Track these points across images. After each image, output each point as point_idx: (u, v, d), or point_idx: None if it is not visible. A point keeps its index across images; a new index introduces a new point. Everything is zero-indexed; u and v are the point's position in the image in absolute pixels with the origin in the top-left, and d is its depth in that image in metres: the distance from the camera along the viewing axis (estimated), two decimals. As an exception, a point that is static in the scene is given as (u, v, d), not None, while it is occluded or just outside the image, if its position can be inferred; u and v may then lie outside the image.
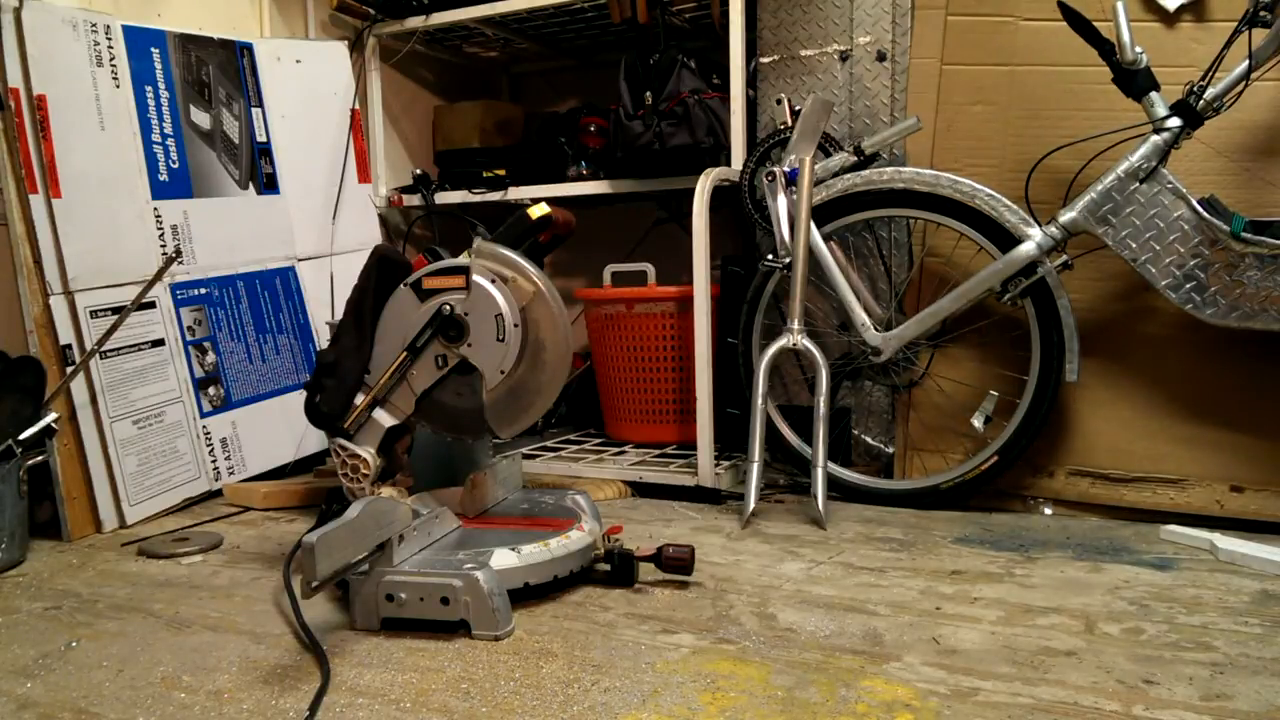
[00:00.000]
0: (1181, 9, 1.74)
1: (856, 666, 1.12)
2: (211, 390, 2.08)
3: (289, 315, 2.28)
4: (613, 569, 1.42)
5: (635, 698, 1.06)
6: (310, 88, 2.37)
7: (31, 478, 1.71)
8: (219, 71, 2.19)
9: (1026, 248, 1.72)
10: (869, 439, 2.06)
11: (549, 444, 2.39)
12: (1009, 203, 1.75)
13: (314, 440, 2.20)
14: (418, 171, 2.45)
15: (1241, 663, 1.10)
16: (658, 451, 2.24)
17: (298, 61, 2.35)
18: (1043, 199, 1.78)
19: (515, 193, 2.34)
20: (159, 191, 2.02)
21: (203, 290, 2.10)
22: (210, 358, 2.09)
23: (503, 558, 1.31)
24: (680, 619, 1.29)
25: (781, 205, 1.83)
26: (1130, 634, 1.19)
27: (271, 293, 2.25)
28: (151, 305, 1.98)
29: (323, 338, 2.30)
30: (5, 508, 1.62)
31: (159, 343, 1.99)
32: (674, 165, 2.13)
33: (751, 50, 2.13)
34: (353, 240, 2.39)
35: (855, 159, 1.91)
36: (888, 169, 1.85)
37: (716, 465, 1.96)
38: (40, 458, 1.73)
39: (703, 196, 1.91)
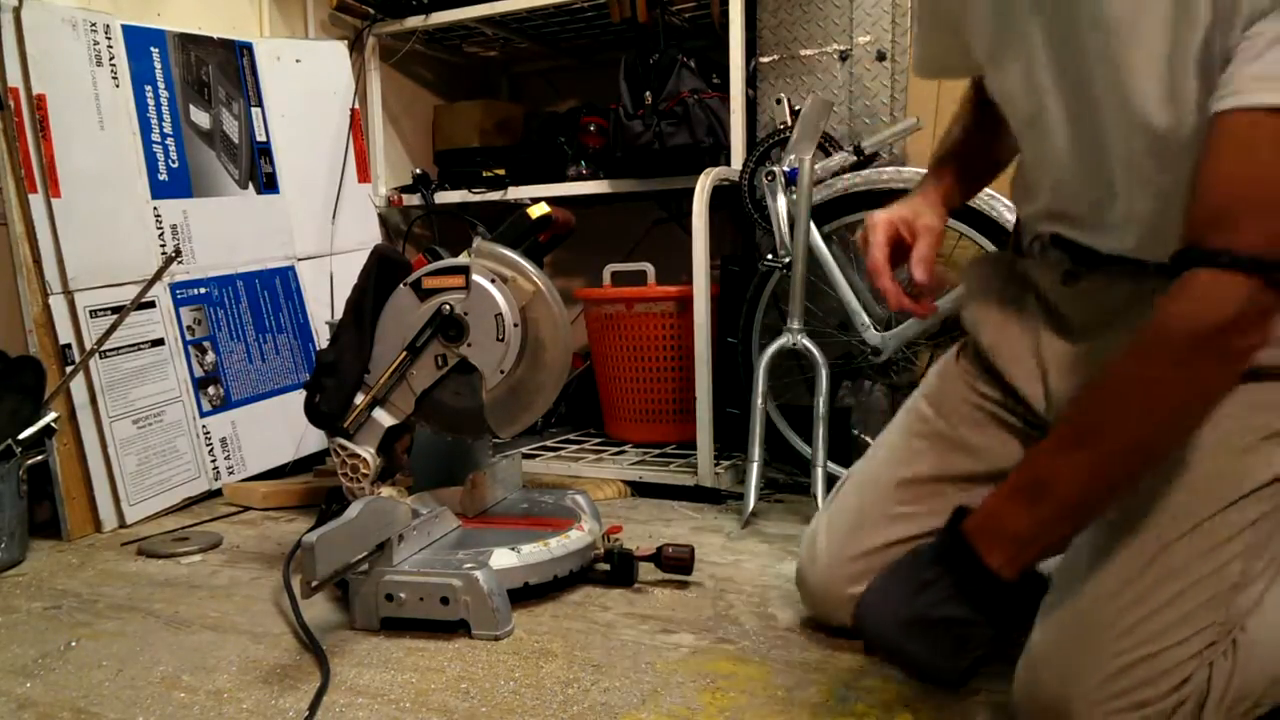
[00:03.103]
0: (1181, 9, 1.74)
1: (856, 666, 1.12)
2: (211, 390, 2.08)
3: (289, 315, 2.28)
4: (612, 569, 1.42)
5: (635, 698, 1.06)
6: (310, 87, 2.36)
7: (31, 477, 1.70)
8: (219, 71, 2.18)
9: (1026, 247, 1.72)
10: (869, 439, 2.06)
11: (549, 444, 2.39)
12: (1008, 202, 1.75)
13: (314, 440, 2.20)
14: (418, 171, 2.45)
15: (1241, 663, 1.10)
16: (657, 451, 2.24)
17: (297, 61, 2.35)
18: (1043, 199, 1.78)
19: (515, 192, 2.34)
20: (159, 191, 2.02)
21: (202, 290, 2.10)
22: (210, 357, 2.09)
23: (502, 557, 1.31)
24: (680, 619, 1.29)
25: (781, 205, 1.83)
26: (1130, 634, 1.19)
27: (271, 292, 2.24)
28: (151, 305, 1.98)
29: (323, 337, 2.30)
30: (5, 507, 1.62)
31: (159, 342, 1.99)
32: (674, 165, 2.13)
33: (751, 50, 2.13)
34: (352, 240, 2.39)
35: (855, 159, 1.91)
36: (888, 169, 1.85)
37: (716, 465, 1.96)
38: (40, 457, 1.73)
39: (702, 196, 1.91)
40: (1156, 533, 0.88)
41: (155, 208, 2.01)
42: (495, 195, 2.36)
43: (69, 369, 1.80)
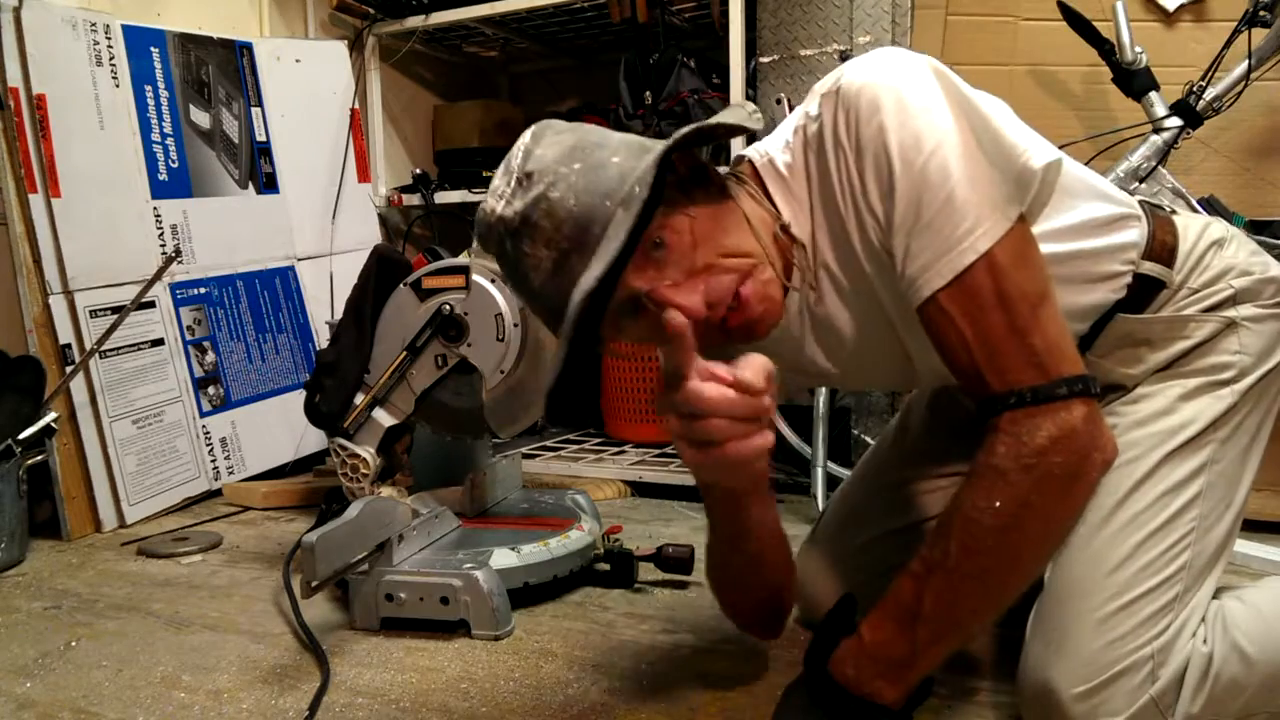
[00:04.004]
0: (1181, 9, 1.74)
1: (856, 666, 1.12)
2: (211, 390, 2.08)
3: (289, 315, 2.28)
4: (612, 568, 1.42)
5: (635, 698, 1.06)
6: (310, 87, 2.36)
7: (31, 477, 1.70)
8: (218, 71, 2.18)
9: (1026, 248, 1.72)
10: (869, 439, 2.06)
11: (549, 444, 2.39)
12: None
13: (314, 440, 2.19)
14: (417, 171, 2.44)
15: (1241, 663, 1.10)
16: (657, 451, 2.24)
17: (297, 61, 2.35)
18: (1042, 199, 1.78)
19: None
20: (158, 191, 2.02)
21: (202, 290, 2.10)
22: (210, 357, 2.09)
23: (502, 557, 1.31)
24: (680, 619, 1.29)
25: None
26: (1130, 634, 1.19)
27: (271, 292, 2.24)
28: (151, 305, 1.98)
29: (323, 337, 2.30)
30: (5, 507, 1.62)
31: (158, 342, 1.99)
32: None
33: (751, 50, 2.13)
34: (352, 240, 2.39)
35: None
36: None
37: (716, 465, 1.96)
38: (40, 457, 1.73)
39: (702, 196, 1.90)
40: (1110, 496, 0.92)
41: (155, 208, 2.01)
42: (495, 195, 2.35)
43: (69, 369, 1.80)
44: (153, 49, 2.05)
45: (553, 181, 0.84)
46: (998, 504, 0.79)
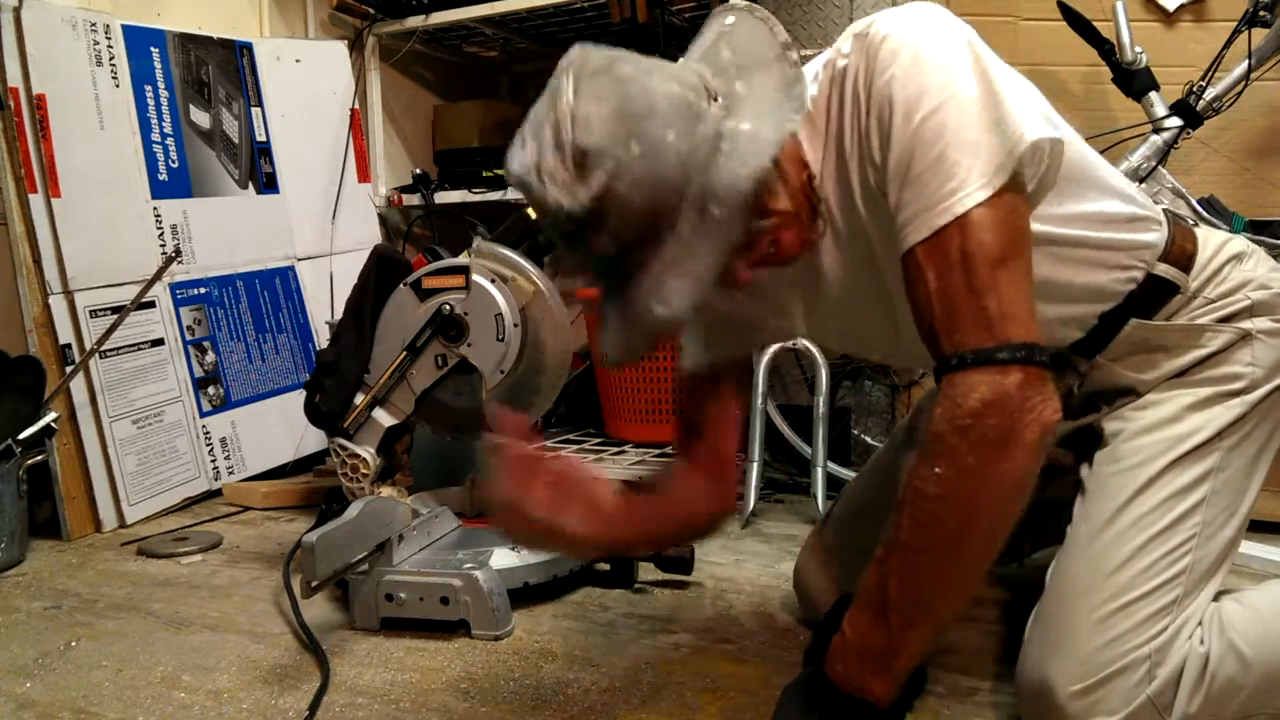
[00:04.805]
0: (1181, 9, 1.74)
1: (856, 666, 1.12)
2: (211, 390, 2.08)
3: (289, 315, 2.28)
4: (612, 568, 1.42)
5: (635, 698, 1.06)
6: (310, 87, 2.36)
7: (31, 477, 1.71)
8: (218, 71, 2.18)
9: (1026, 248, 1.72)
10: (869, 439, 2.06)
11: (549, 444, 2.39)
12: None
13: (314, 440, 2.19)
14: (417, 171, 2.44)
15: (1241, 663, 1.10)
16: (657, 451, 2.23)
17: (297, 61, 2.35)
18: (1042, 199, 1.78)
19: (515, 193, 2.34)
20: (158, 191, 2.02)
21: (202, 290, 2.10)
22: (210, 357, 2.09)
23: (502, 557, 1.31)
24: (680, 619, 1.29)
25: (781, 205, 1.83)
26: (1130, 634, 1.19)
27: (271, 292, 2.24)
28: (151, 305, 1.98)
29: (323, 337, 2.30)
30: (5, 507, 1.62)
31: (158, 342, 1.99)
32: (674, 165, 2.12)
33: (751, 50, 2.13)
34: (352, 240, 2.39)
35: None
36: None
37: (716, 465, 1.96)
38: (40, 457, 1.73)
39: (702, 196, 1.90)
40: (1114, 499, 0.93)
41: (155, 208, 2.01)
42: (495, 195, 2.35)
43: (69, 369, 1.80)
44: (153, 49, 2.05)
45: (614, 171, 0.79)
46: (938, 470, 0.78)
